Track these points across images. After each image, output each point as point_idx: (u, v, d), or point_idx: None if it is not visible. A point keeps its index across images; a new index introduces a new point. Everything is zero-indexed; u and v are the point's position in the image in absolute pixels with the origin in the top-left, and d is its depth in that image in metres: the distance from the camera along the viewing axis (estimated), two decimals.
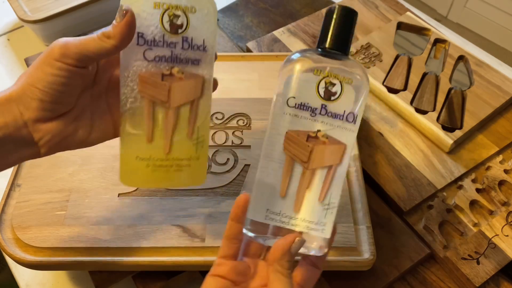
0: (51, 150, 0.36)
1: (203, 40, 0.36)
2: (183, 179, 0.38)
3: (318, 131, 0.32)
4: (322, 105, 0.32)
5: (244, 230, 0.33)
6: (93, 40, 0.33)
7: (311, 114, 0.32)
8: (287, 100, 0.32)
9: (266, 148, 0.33)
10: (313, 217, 0.33)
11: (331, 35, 0.34)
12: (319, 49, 0.34)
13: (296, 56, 0.33)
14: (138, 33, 0.34)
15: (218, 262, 0.34)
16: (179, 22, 0.34)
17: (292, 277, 0.32)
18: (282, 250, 0.31)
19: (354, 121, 0.33)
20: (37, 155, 0.35)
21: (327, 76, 0.32)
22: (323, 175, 0.33)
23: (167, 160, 0.37)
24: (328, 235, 0.33)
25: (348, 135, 0.33)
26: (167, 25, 0.34)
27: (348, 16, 0.34)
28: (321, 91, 0.32)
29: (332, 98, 0.32)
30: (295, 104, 0.32)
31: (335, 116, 0.32)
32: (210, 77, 0.37)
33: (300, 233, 0.32)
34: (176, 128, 0.36)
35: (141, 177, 0.38)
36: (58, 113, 0.35)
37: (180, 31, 0.35)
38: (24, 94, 0.33)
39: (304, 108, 0.32)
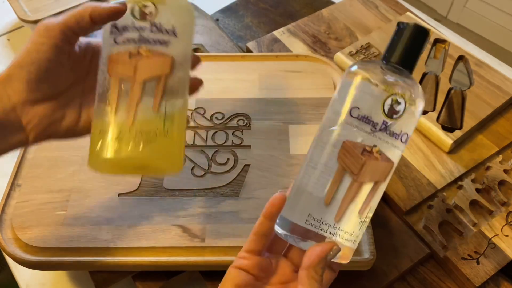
0: (39, 136, 0.36)
1: (172, 25, 0.37)
2: (153, 159, 0.37)
3: (374, 146, 0.32)
4: (383, 121, 0.32)
5: (277, 228, 0.33)
6: (73, 15, 0.35)
7: (371, 129, 0.32)
8: (351, 110, 0.32)
9: (315, 153, 0.33)
10: (350, 228, 0.33)
11: (401, 52, 0.34)
12: (385, 62, 0.34)
13: (364, 66, 0.34)
14: (111, 24, 0.36)
15: (243, 256, 0.34)
16: (147, 11, 0.37)
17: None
18: (319, 256, 0.31)
19: (406, 141, 0.33)
20: (26, 141, 0.36)
21: (395, 94, 0.32)
22: (368, 190, 0.33)
23: (130, 132, 0.36)
24: (356, 246, 0.34)
25: (397, 154, 0.33)
26: (137, 14, 0.37)
27: (421, 35, 0.34)
28: (386, 108, 0.32)
29: (394, 116, 0.32)
30: (358, 115, 0.32)
31: (392, 134, 0.33)
32: (182, 60, 0.38)
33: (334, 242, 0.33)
34: (140, 101, 0.37)
35: (107, 156, 0.37)
36: (45, 95, 0.35)
37: (148, 18, 0.37)
38: (11, 77, 0.34)
39: (366, 121, 0.32)
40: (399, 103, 0.32)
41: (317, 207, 0.33)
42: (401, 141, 0.33)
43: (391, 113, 0.32)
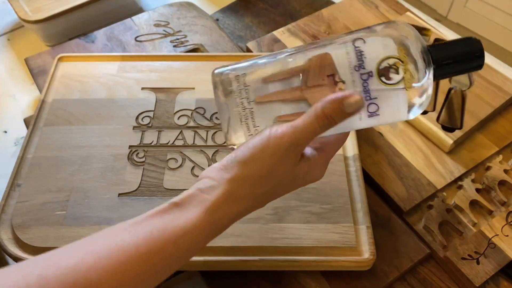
0: None
1: None
2: None
3: (343, 82, 0.31)
4: (369, 72, 0.31)
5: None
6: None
7: (355, 66, 0.31)
8: (357, 39, 0.31)
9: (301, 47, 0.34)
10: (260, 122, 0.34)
11: (448, 56, 0.33)
12: (428, 50, 0.32)
13: (414, 32, 0.32)
14: None
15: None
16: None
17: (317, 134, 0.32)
18: (336, 99, 0.31)
19: (372, 114, 0.32)
20: None
21: (402, 62, 0.31)
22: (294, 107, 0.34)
23: None
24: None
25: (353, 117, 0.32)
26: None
27: (475, 60, 0.33)
28: (383, 64, 0.31)
29: (382, 78, 0.31)
30: (358, 47, 0.31)
31: (365, 91, 0.31)
32: None
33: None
34: None
35: None
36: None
37: None
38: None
39: (359, 57, 0.31)
40: (397, 73, 0.30)
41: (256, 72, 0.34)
42: (368, 108, 0.31)
43: (382, 72, 0.31)
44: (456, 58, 0.33)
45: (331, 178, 0.49)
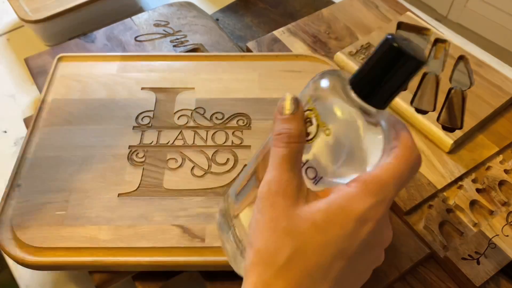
0: None
1: None
2: None
3: None
4: None
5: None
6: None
7: None
8: None
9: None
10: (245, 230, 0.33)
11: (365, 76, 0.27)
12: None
13: (336, 73, 0.29)
14: None
15: None
16: None
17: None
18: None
19: (315, 180, 0.28)
20: None
21: (311, 110, 0.27)
22: None
23: None
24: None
25: None
26: None
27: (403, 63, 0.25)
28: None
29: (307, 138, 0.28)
30: None
31: None
32: None
33: None
34: None
35: None
36: None
37: None
38: None
39: None
40: (311, 123, 0.27)
41: (233, 193, 0.33)
42: (307, 175, 0.28)
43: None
44: (379, 76, 0.26)
45: None
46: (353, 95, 0.26)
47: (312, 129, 0.27)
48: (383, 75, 0.26)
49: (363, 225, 0.26)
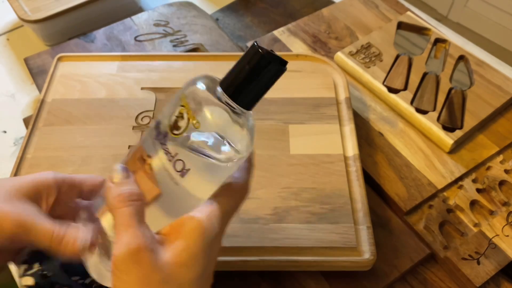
0: None
1: None
2: None
3: (149, 156, 0.31)
4: (165, 132, 0.30)
5: None
6: None
7: (155, 136, 0.31)
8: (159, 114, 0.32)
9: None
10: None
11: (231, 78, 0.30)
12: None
13: (206, 78, 0.31)
14: None
15: None
16: None
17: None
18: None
19: (182, 172, 0.29)
20: None
21: (183, 106, 0.29)
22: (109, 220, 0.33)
23: None
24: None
25: (168, 183, 0.30)
26: None
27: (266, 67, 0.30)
28: (172, 118, 0.29)
29: (175, 131, 0.29)
30: (157, 120, 0.31)
31: (166, 153, 0.30)
32: None
33: None
34: None
35: None
36: None
37: None
38: None
39: (156, 127, 0.31)
40: (182, 118, 0.28)
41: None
42: (175, 167, 0.29)
43: (173, 126, 0.29)
44: (244, 76, 0.29)
45: (331, 178, 0.49)
46: (220, 90, 0.29)
47: (182, 123, 0.29)
48: (248, 76, 0.29)
49: (214, 245, 0.30)
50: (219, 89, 0.30)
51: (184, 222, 0.29)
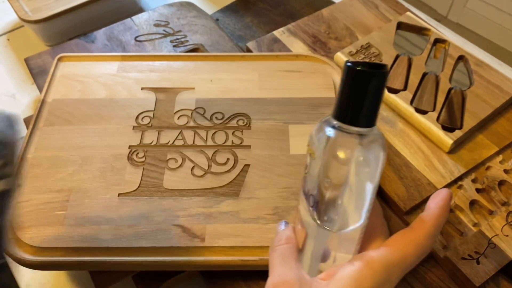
0: None
1: None
2: None
3: None
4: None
5: None
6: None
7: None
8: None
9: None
10: None
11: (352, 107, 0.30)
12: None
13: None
14: None
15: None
16: None
17: None
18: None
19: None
20: None
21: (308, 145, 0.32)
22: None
23: None
24: None
25: None
26: None
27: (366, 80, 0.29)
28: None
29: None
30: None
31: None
32: None
33: None
34: None
35: None
36: None
37: None
38: None
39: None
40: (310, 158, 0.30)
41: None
42: (308, 203, 0.32)
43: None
44: (355, 99, 0.29)
45: None
46: (335, 123, 0.29)
47: (308, 161, 0.31)
48: (357, 98, 0.29)
49: None
50: (332, 120, 0.30)
51: (342, 269, 0.29)
